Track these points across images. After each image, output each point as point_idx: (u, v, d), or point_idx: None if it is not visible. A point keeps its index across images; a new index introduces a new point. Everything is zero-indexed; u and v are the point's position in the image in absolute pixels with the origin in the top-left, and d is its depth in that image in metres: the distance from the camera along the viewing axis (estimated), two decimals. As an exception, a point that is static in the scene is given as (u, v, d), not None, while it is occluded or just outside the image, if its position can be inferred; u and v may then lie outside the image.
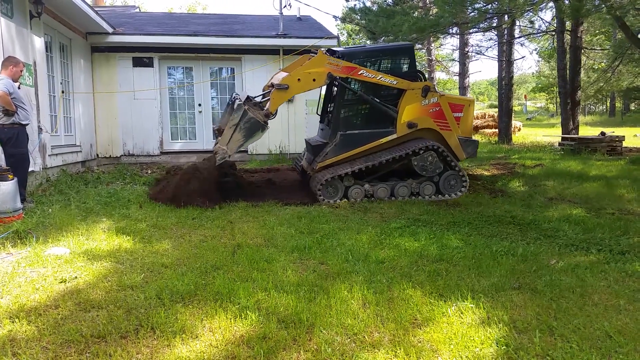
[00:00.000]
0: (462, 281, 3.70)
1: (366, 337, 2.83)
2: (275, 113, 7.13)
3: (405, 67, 7.57)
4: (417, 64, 8.10)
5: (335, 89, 7.67)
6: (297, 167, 8.58)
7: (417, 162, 7.14)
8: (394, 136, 7.28)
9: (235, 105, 7.06)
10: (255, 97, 7.86)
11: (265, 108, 6.92)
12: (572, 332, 2.88)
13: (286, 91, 6.92)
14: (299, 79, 6.94)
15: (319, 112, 8.54)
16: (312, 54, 7.55)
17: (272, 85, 7.32)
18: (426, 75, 7.96)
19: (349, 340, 2.80)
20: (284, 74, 7.21)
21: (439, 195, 7.28)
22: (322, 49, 7.39)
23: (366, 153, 7.27)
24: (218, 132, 7.83)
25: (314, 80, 7.01)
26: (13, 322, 2.95)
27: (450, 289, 3.52)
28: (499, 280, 3.71)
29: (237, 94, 8.53)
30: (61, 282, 3.60)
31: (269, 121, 7.02)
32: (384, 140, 7.26)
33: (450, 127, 7.45)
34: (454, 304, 3.25)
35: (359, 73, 7.12)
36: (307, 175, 7.73)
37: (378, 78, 7.18)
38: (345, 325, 2.96)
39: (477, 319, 3.06)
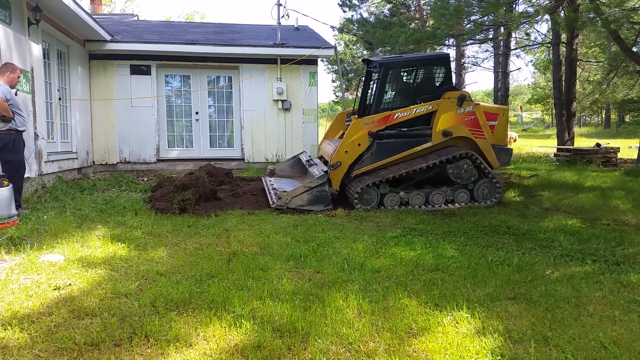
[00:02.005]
0: (457, 291, 3.70)
1: (361, 346, 2.82)
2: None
3: (440, 77, 7.70)
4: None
5: (371, 94, 7.81)
6: None
7: (452, 169, 7.23)
8: (430, 144, 7.37)
9: (316, 171, 7.49)
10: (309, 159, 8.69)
11: (332, 186, 7.28)
12: (567, 342, 2.88)
13: (341, 166, 7.28)
14: (346, 151, 7.28)
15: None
16: (348, 120, 8.19)
17: (322, 157, 8.13)
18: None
19: (344, 349, 2.79)
20: (330, 147, 7.75)
21: (474, 203, 7.35)
22: (354, 116, 7.78)
23: (402, 161, 7.37)
24: (270, 174, 8.88)
25: (359, 145, 7.30)
26: (5, 329, 2.93)
27: (446, 299, 3.52)
28: (494, 290, 3.71)
29: (309, 155, 9.24)
30: (55, 289, 3.58)
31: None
32: (419, 148, 7.35)
33: (485, 135, 7.55)
34: (450, 314, 3.25)
35: (395, 117, 7.33)
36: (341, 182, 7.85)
37: (414, 112, 7.38)
38: (341, 334, 2.95)
39: (473, 328, 3.05)
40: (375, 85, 7.79)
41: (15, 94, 6.21)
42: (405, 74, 7.79)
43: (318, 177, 7.05)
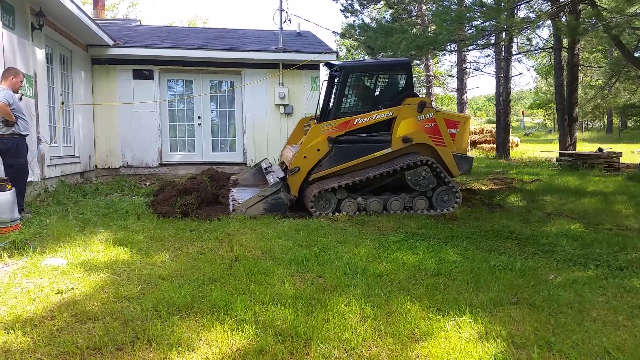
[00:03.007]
0: (460, 295, 3.69)
1: (364, 351, 2.81)
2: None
3: (402, 83, 7.65)
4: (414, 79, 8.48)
5: (332, 99, 7.79)
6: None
7: (410, 176, 7.18)
8: (389, 150, 7.32)
9: (271, 179, 7.41)
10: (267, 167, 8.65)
11: (290, 192, 7.22)
12: (570, 347, 2.87)
13: (299, 172, 7.21)
14: (305, 156, 7.21)
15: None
16: (308, 125, 8.10)
17: (283, 163, 8.03)
18: (423, 92, 8.25)
19: (346, 354, 2.78)
20: (291, 152, 7.66)
21: (432, 210, 7.31)
22: (314, 121, 7.77)
23: (360, 166, 7.31)
24: (233, 184, 8.83)
25: (318, 150, 7.24)
26: (8, 333, 2.93)
27: (449, 304, 3.51)
28: (497, 295, 3.70)
29: (269, 162, 9.15)
30: (57, 293, 3.58)
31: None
32: (378, 153, 7.30)
33: (445, 143, 7.50)
34: (452, 319, 3.24)
35: (355, 122, 7.31)
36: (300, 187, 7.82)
37: (374, 118, 7.35)
38: (343, 339, 2.94)
39: (475, 333, 3.05)
40: (335, 89, 7.74)
41: (20, 99, 6.23)
42: (366, 79, 7.75)
43: (271, 185, 7.01)
